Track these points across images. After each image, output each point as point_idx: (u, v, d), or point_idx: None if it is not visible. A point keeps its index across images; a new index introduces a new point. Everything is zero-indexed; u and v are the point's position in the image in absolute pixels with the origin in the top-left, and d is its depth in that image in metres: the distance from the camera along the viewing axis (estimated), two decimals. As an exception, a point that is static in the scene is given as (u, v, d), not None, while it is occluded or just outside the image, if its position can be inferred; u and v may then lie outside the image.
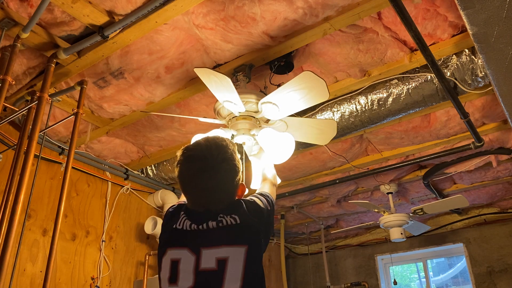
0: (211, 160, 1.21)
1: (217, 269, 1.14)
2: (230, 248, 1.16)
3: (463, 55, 2.13)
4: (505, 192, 4.06)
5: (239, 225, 1.20)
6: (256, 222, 1.24)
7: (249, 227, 1.21)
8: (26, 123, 2.03)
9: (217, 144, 1.25)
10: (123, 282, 3.16)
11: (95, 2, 1.78)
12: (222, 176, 1.22)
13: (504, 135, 2.91)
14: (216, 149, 1.24)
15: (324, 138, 2.13)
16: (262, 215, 1.29)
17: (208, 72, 1.69)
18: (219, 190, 1.22)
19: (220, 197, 1.23)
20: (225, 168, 1.22)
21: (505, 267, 4.30)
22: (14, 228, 1.67)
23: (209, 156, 1.22)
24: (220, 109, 2.00)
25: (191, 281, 1.15)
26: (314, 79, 1.65)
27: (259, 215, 1.27)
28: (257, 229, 1.23)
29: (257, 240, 1.22)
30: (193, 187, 1.23)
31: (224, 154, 1.24)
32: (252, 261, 1.16)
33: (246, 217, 1.22)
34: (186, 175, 1.23)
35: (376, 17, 1.97)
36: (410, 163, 3.17)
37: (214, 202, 1.22)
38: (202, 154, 1.23)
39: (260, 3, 1.82)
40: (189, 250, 1.18)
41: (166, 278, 1.19)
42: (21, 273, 2.50)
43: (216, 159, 1.22)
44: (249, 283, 1.14)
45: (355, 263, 5.26)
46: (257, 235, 1.22)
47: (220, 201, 1.23)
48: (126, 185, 3.35)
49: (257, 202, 1.32)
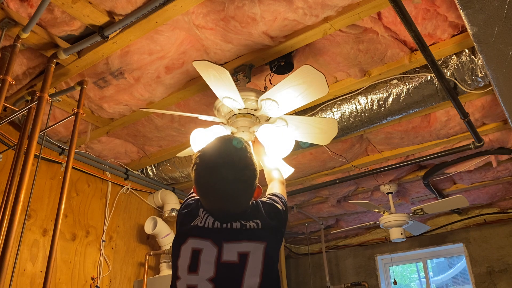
0: (232, 168, 1.20)
1: (238, 262, 1.16)
2: (250, 244, 1.18)
3: (463, 55, 2.13)
4: (505, 192, 4.06)
5: (260, 229, 1.23)
6: (275, 225, 1.27)
7: (270, 229, 1.25)
8: (26, 123, 2.03)
9: (237, 149, 1.24)
10: (123, 282, 3.16)
11: (95, 2, 1.78)
12: (245, 183, 1.22)
13: (504, 135, 2.91)
14: (236, 155, 1.23)
15: (324, 137, 2.12)
16: (281, 217, 1.32)
17: (206, 65, 1.68)
18: (240, 197, 1.23)
19: (240, 201, 1.24)
20: (247, 175, 1.23)
21: (505, 267, 4.30)
22: (14, 228, 1.67)
23: (231, 162, 1.21)
24: (220, 107, 1.99)
25: (212, 272, 1.16)
26: (313, 73, 1.65)
27: (278, 216, 1.30)
28: (276, 230, 1.28)
29: (275, 238, 1.26)
30: (213, 194, 1.22)
31: (245, 160, 1.23)
32: (270, 257, 1.19)
33: (266, 221, 1.25)
34: (207, 182, 1.22)
35: (376, 17, 1.97)
36: (410, 163, 3.17)
37: (234, 207, 1.24)
38: (223, 161, 1.21)
39: (260, 3, 1.82)
40: (212, 242, 1.19)
41: (185, 266, 1.19)
42: (21, 273, 2.50)
43: (238, 165, 1.21)
44: (268, 279, 1.17)
45: (355, 263, 5.26)
46: (275, 234, 1.27)
47: (240, 205, 1.24)
48: (126, 185, 3.35)
49: (275, 205, 1.34)
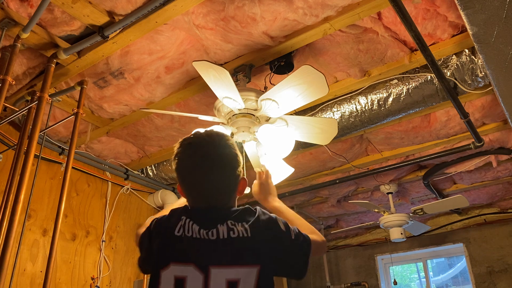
0: (213, 147, 1.15)
1: None
2: (241, 269, 1.05)
3: (463, 55, 2.13)
4: (505, 192, 4.06)
5: (250, 239, 1.07)
6: (269, 243, 1.09)
7: (263, 244, 1.09)
8: (26, 123, 2.03)
9: (217, 133, 1.21)
10: (123, 282, 3.16)
11: (95, 2, 1.78)
12: (225, 163, 1.15)
13: (504, 135, 2.90)
14: (217, 137, 1.19)
15: (325, 137, 2.12)
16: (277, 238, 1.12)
17: (206, 66, 1.68)
18: (221, 180, 1.14)
19: (223, 187, 1.15)
20: (227, 155, 1.16)
21: (505, 267, 4.30)
22: (14, 228, 1.67)
23: (211, 142, 1.16)
24: (220, 107, 1.99)
25: None
26: (313, 73, 1.65)
27: (275, 231, 1.12)
28: (269, 250, 1.09)
29: (271, 261, 1.09)
30: (194, 176, 1.14)
31: (226, 142, 1.18)
32: (264, 284, 1.05)
33: (257, 231, 1.09)
34: (187, 164, 1.15)
35: (376, 17, 1.97)
36: (410, 163, 3.17)
37: (217, 194, 1.15)
38: (204, 141, 1.17)
39: (260, 3, 1.82)
40: (196, 267, 1.05)
41: None
42: (21, 273, 2.50)
43: (218, 145, 1.16)
44: None
45: (355, 263, 5.26)
46: (270, 255, 1.09)
47: (223, 192, 1.15)
48: (126, 185, 3.35)
49: (277, 222, 1.15)
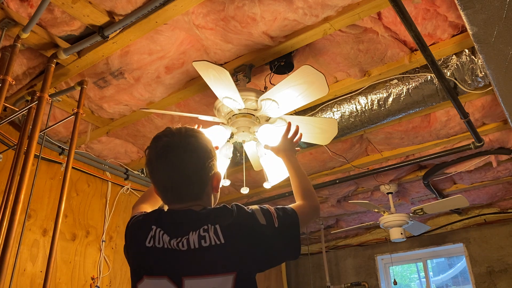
0: (178, 137, 1.12)
1: None
2: (216, 279, 0.99)
3: (463, 55, 2.13)
4: (505, 192, 4.06)
5: (223, 246, 1.00)
6: (246, 246, 1.02)
7: (238, 251, 1.02)
8: (26, 123, 2.03)
9: (186, 127, 1.17)
10: (123, 282, 3.16)
11: (95, 2, 1.78)
12: (191, 150, 1.10)
13: (504, 135, 2.91)
14: (184, 129, 1.15)
15: (325, 137, 2.12)
16: (256, 236, 1.05)
17: (206, 66, 1.68)
18: (187, 168, 1.09)
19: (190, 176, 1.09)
20: (193, 143, 1.11)
21: (505, 267, 4.31)
22: (14, 228, 1.67)
23: (177, 133, 1.13)
24: (220, 107, 1.99)
25: None
26: (313, 73, 1.65)
27: (251, 235, 1.04)
28: (247, 253, 1.02)
29: (248, 267, 1.03)
30: (159, 165, 1.10)
31: (193, 133, 1.14)
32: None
33: (233, 234, 1.02)
34: (152, 155, 1.12)
35: (376, 17, 1.97)
36: (410, 163, 3.17)
37: (187, 184, 1.09)
38: (170, 133, 1.13)
39: (260, 3, 1.82)
40: (169, 280, 1.01)
41: None
42: (21, 273, 2.50)
43: (184, 135, 1.12)
44: None
45: (355, 263, 5.26)
46: (246, 261, 1.02)
47: (192, 183, 1.10)
48: (126, 185, 3.35)
49: (255, 217, 1.07)
